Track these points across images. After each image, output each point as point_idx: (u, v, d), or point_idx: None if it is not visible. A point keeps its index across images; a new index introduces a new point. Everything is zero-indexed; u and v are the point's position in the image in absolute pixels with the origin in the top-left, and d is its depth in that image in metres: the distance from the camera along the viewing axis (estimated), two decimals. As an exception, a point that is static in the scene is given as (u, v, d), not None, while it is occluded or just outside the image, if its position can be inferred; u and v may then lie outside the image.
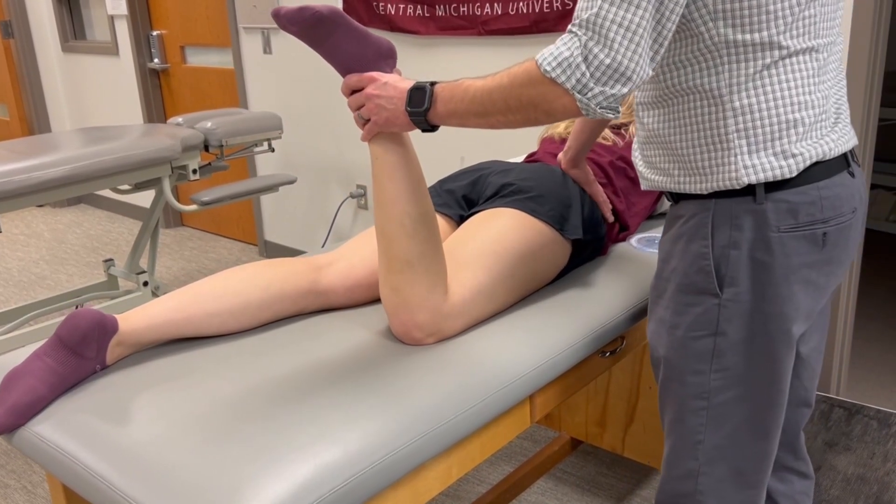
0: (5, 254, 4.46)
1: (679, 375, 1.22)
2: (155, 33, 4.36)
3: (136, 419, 1.11)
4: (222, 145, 2.88)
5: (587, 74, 1.01)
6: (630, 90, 1.02)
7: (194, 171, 2.90)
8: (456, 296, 1.32)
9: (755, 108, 1.09)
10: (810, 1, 1.06)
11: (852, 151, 1.19)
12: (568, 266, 1.57)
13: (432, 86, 1.19)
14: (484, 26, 2.85)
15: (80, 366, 1.21)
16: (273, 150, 3.13)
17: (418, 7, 3.01)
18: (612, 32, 0.99)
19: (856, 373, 2.74)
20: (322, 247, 2.21)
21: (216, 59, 4.16)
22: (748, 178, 1.10)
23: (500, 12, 2.79)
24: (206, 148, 2.91)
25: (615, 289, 1.52)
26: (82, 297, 3.15)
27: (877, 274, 3.53)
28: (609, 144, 1.83)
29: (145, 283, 3.13)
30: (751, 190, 1.12)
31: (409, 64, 3.17)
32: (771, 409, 1.20)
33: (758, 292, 1.13)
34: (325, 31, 1.25)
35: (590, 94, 1.02)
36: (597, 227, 1.60)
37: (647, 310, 1.49)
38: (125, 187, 2.94)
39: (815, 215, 1.12)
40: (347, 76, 1.28)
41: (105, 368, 1.25)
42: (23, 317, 2.94)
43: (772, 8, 1.04)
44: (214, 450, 1.03)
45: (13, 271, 4.17)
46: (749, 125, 1.10)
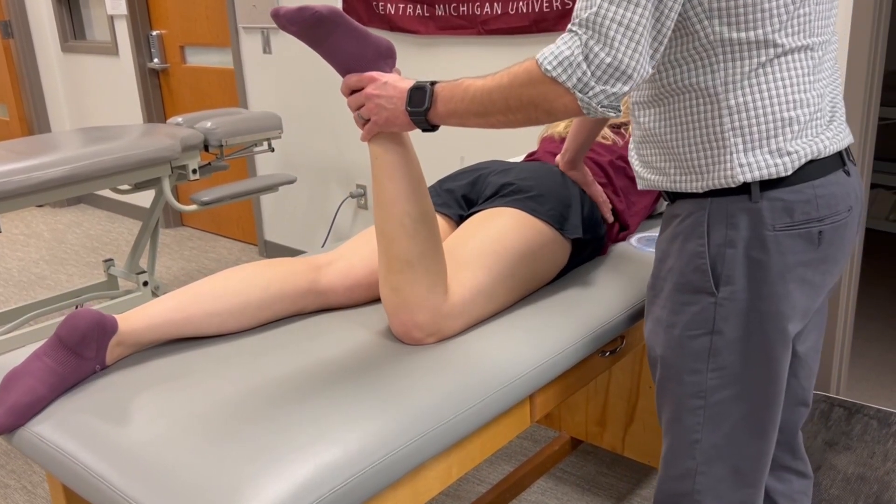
0: (5, 254, 4.46)
1: (676, 374, 1.22)
2: (154, 33, 4.36)
3: (135, 419, 1.11)
4: (222, 145, 2.88)
5: (588, 73, 1.01)
6: (631, 88, 1.02)
7: (194, 171, 2.89)
8: (456, 296, 1.32)
9: (750, 106, 1.09)
10: None
11: (848, 150, 1.19)
12: (568, 266, 1.57)
13: (432, 85, 1.19)
14: (483, 26, 2.85)
15: (80, 366, 1.20)
16: (273, 150, 3.13)
17: (418, 7, 3.01)
18: (612, 31, 0.99)
19: (856, 372, 2.74)
20: (322, 246, 2.20)
21: (216, 59, 4.16)
22: (743, 176, 1.11)
23: (499, 12, 2.79)
24: (206, 148, 2.91)
25: (615, 288, 1.52)
26: (82, 297, 3.15)
27: (877, 273, 3.53)
28: (609, 144, 1.83)
29: (145, 283, 3.13)
30: (746, 188, 1.12)
31: (409, 64, 3.17)
32: (768, 407, 1.20)
33: (754, 291, 1.14)
34: (325, 30, 1.25)
35: (591, 93, 1.02)
36: (597, 227, 1.59)
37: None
38: (125, 187, 2.94)
39: (811, 214, 1.12)
40: (347, 76, 1.28)
41: (105, 368, 1.25)
42: (23, 317, 2.94)
43: (766, 6, 1.04)
44: (214, 450, 1.03)
45: (13, 271, 4.17)
46: (744, 123, 1.10)
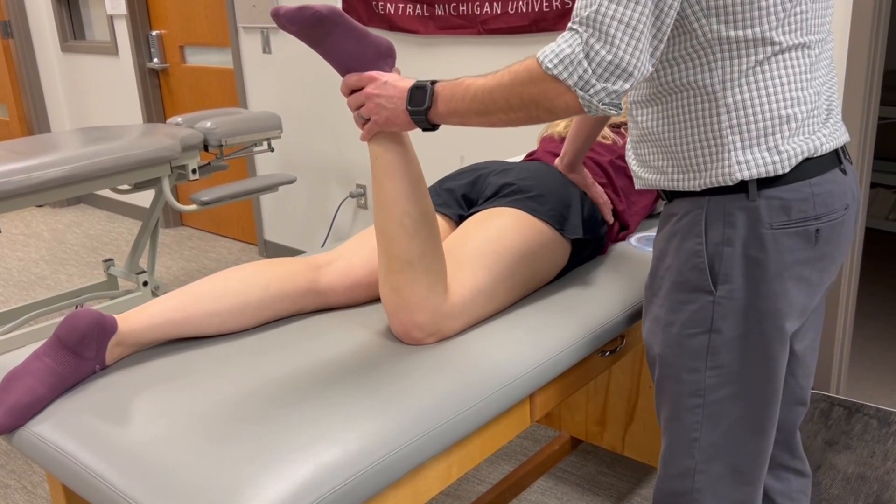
0: (5, 254, 4.45)
1: (675, 373, 1.22)
2: (154, 33, 4.36)
3: (135, 419, 1.11)
4: (222, 145, 2.88)
5: (589, 71, 1.01)
6: (632, 86, 1.02)
7: (194, 171, 2.89)
8: (456, 296, 1.32)
9: (748, 103, 1.10)
10: None
11: (844, 148, 1.20)
12: (568, 265, 1.57)
13: (433, 84, 1.19)
14: (483, 25, 2.85)
15: (80, 366, 1.20)
16: (272, 150, 3.13)
17: (418, 6, 3.01)
18: (612, 29, 0.99)
19: (856, 371, 2.74)
20: (322, 246, 2.20)
21: (215, 59, 4.16)
22: (741, 173, 1.11)
23: (499, 11, 2.79)
24: (206, 148, 2.91)
25: (615, 288, 1.52)
26: (82, 297, 3.15)
27: (877, 272, 3.53)
28: (609, 143, 1.83)
29: (145, 283, 3.13)
30: (744, 187, 1.12)
31: (409, 63, 3.17)
32: (766, 405, 1.20)
33: (752, 289, 1.14)
34: (325, 30, 1.25)
35: (592, 91, 1.02)
36: (597, 227, 1.59)
37: (646, 309, 1.49)
38: (125, 187, 2.94)
39: (808, 212, 1.12)
40: (347, 76, 1.28)
41: (104, 368, 1.25)
42: (22, 317, 2.94)
43: (763, 4, 1.05)
44: (214, 450, 1.03)
45: (13, 271, 4.17)
46: (742, 121, 1.10)
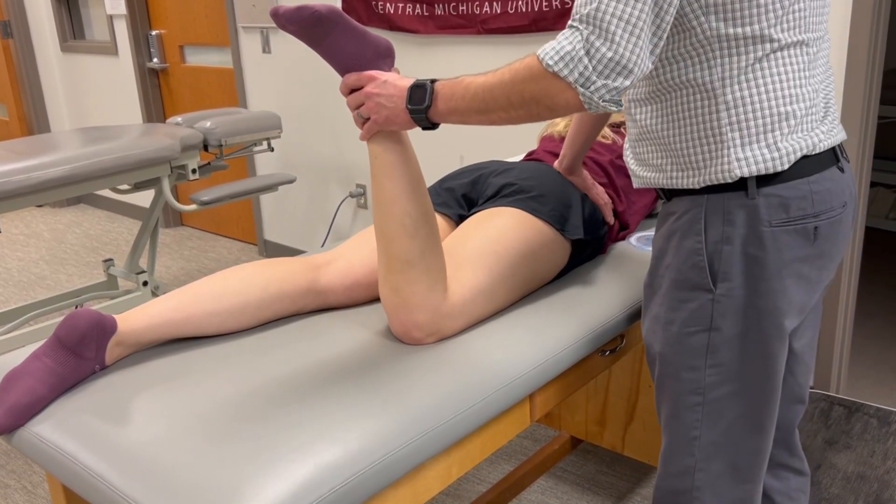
0: (5, 254, 4.45)
1: (674, 372, 1.22)
2: (154, 33, 4.36)
3: (135, 419, 1.11)
4: (221, 145, 2.88)
5: (590, 68, 1.01)
6: (632, 83, 1.03)
7: (193, 171, 2.89)
8: (456, 295, 1.32)
9: (748, 100, 1.10)
10: None
11: (841, 147, 1.21)
12: (568, 266, 1.57)
13: (432, 83, 1.19)
14: (483, 25, 2.85)
15: (80, 366, 1.20)
16: (272, 150, 3.13)
17: (417, 6, 3.00)
18: (612, 26, 1.00)
19: (855, 370, 2.74)
20: (322, 246, 2.21)
21: (215, 59, 4.16)
22: (741, 170, 1.11)
23: (499, 11, 2.79)
24: (206, 147, 2.91)
25: (615, 287, 1.52)
26: (82, 297, 3.15)
27: (876, 271, 3.53)
28: (609, 143, 1.82)
29: (145, 283, 3.13)
30: (743, 184, 1.12)
31: (409, 63, 3.17)
32: (766, 403, 1.20)
33: (751, 287, 1.14)
34: (324, 30, 1.25)
35: (592, 88, 1.02)
36: (597, 228, 1.59)
37: (646, 308, 1.49)
38: (124, 187, 2.94)
39: (807, 209, 1.13)
40: (346, 75, 1.28)
41: (104, 369, 1.25)
42: (22, 317, 2.94)
43: (762, 1, 1.06)
44: (214, 450, 1.03)
45: (13, 271, 4.17)
46: (742, 118, 1.11)
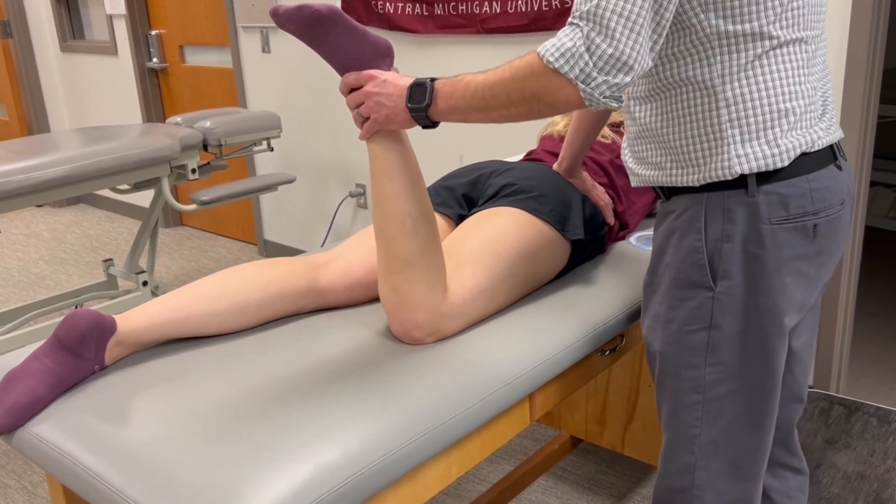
0: (5, 254, 4.45)
1: (674, 370, 1.22)
2: (153, 33, 4.36)
3: (135, 419, 1.11)
4: (221, 145, 2.88)
5: (590, 64, 1.02)
6: (632, 79, 1.03)
7: (193, 171, 2.89)
8: (455, 295, 1.32)
9: (748, 97, 1.11)
10: None
11: (838, 145, 1.21)
12: (568, 265, 1.57)
13: (432, 82, 1.19)
14: (483, 24, 2.85)
15: (79, 366, 1.20)
16: (272, 150, 3.13)
17: (417, 5, 3.00)
18: (613, 22, 1.00)
19: (855, 370, 2.74)
20: (321, 246, 2.21)
21: (215, 59, 4.16)
22: (741, 167, 1.11)
23: (498, 10, 2.79)
24: (205, 147, 2.90)
25: (614, 287, 1.52)
26: (82, 297, 3.15)
27: (876, 271, 3.53)
28: (608, 143, 1.82)
29: (145, 283, 3.13)
30: (743, 182, 1.13)
31: (408, 63, 3.17)
32: (765, 402, 1.20)
33: (751, 285, 1.14)
34: (324, 29, 1.25)
35: (593, 84, 1.02)
36: (598, 228, 1.59)
37: (646, 308, 1.49)
38: (124, 187, 2.93)
39: (806, 207, 1.13)
40: (346, 74, 1.28)
41: (104, 369, 1.25)
42: (22, 317, 2.94)
43: None
44: (214, 450, 1.03)
45: (13, 271, 4.17)
46: (741, 115, 1.11)
